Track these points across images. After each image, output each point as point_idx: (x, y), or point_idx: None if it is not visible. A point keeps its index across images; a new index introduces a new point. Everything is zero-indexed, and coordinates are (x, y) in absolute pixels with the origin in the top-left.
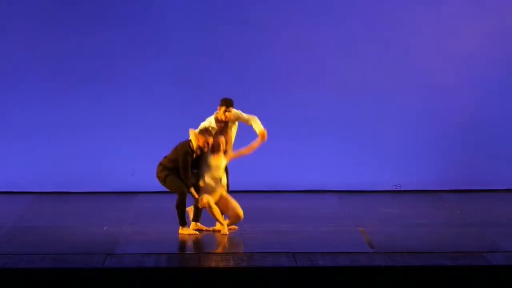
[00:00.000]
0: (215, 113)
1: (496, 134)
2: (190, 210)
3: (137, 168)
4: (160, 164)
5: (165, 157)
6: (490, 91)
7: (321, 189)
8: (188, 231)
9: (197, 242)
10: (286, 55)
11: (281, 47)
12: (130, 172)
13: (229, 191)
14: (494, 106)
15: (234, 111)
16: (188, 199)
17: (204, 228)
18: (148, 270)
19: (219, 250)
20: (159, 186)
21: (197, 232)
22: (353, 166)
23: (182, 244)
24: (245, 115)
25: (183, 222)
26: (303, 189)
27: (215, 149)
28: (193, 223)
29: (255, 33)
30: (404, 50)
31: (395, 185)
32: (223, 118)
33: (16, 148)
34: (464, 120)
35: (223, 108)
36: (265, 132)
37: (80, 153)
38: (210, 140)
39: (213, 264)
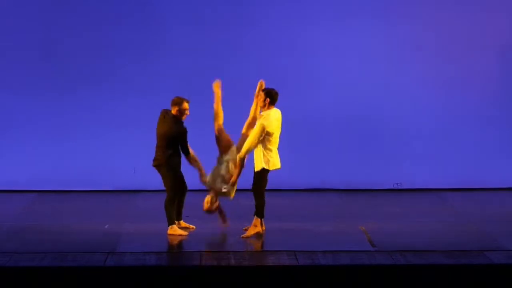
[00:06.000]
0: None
1: (497, 132)
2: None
3: (138, 166)
4: (159, 146)
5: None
6: (492, 88)
7: (322, 187)
8: (177, 231)
9: (198, 241)
10: (286, 55)
11: (282, 46)
12: (131, 171)
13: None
14: (495, 103)
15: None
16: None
17: (190, 226)
18: (149, 269)
19: (221, 248)
20: (160, 185)
21: (185, 232)
22: (355, 165)
23: (184, 243)
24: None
25: (172, 221)
26: (305, 187)
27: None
28: (176, 222)
29: (256, 33)
30: (404, 47)
31: (396, 184)
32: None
33: (17, 146)
34: (464, 119)
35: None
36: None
37: (81, 152)
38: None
39: (214, 263)
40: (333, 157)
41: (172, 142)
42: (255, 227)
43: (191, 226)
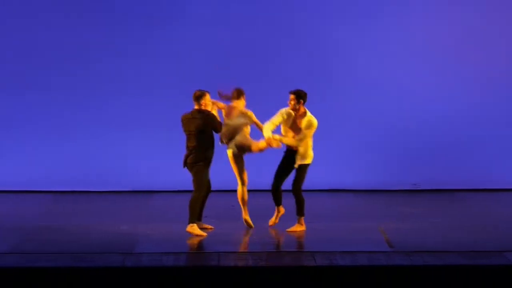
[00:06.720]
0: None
1: None
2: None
3: (154, 167)
4: (194, 144)
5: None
6: (501, 90)
7: (340, 188)
8: (196, 230)
9: (216, 241)
10: (294, 54)
11: (287, 46)
12: (133, 171)
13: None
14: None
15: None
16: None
17: (208, 226)
18: (167, 269)
19: (238, 249)
20: (175, 185)
21: (204, 234)
22: (372, 165)
23: (201, 243)
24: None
25: (194, 219)
26: (322, 188)
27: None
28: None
29: (257, 32)
30: (420, 48)
31: (414, 184)
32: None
33: (35, 148)
34: (481, 119)
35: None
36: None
37: (98, 153)
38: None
39: (232, 263)
40: (350, 158)
41: (207, 136)
42: (301, 225)
43: (209, 226)
